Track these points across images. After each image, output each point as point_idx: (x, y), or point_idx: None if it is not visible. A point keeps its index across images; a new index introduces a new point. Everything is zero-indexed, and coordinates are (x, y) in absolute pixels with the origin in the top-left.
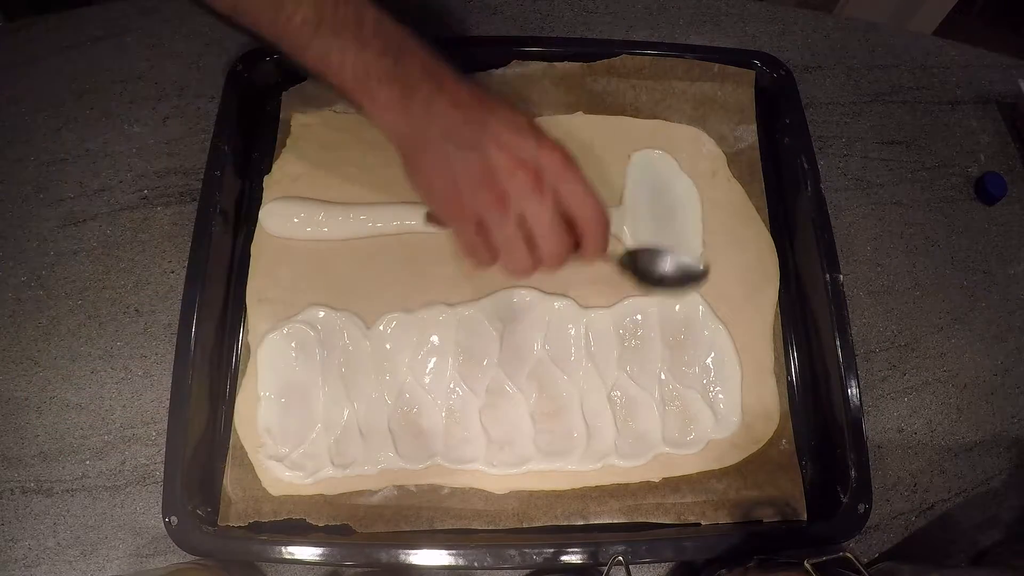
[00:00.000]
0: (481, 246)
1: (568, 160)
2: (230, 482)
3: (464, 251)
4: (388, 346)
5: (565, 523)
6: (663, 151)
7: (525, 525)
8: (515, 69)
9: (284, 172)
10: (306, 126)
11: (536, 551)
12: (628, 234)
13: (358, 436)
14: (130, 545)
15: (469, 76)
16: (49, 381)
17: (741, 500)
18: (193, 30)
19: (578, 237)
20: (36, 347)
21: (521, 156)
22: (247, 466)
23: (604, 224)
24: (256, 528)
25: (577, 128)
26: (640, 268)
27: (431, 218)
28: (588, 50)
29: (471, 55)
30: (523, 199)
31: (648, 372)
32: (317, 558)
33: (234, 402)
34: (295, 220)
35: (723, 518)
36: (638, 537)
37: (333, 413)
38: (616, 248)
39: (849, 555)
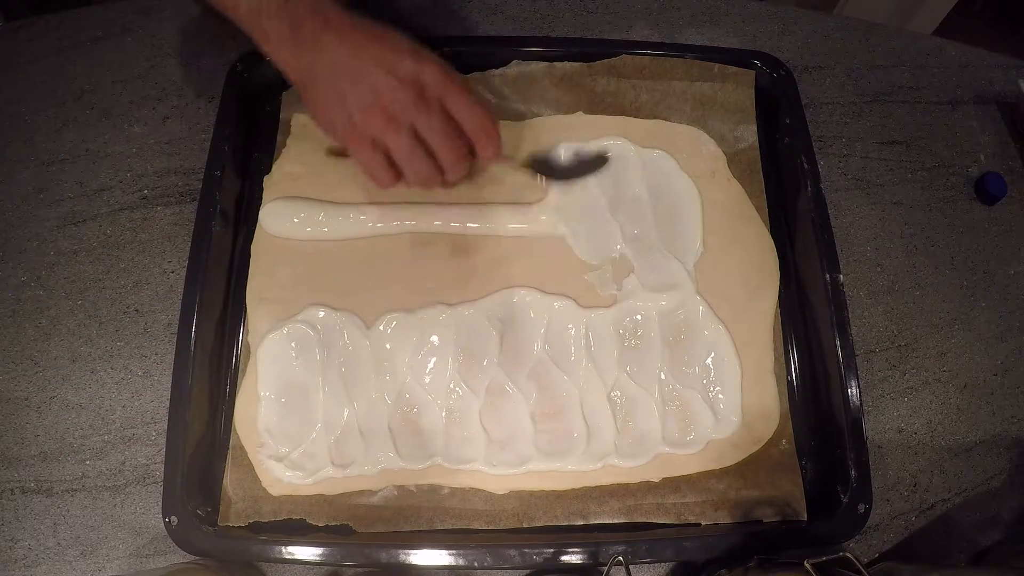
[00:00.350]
0: (382, 166)
1: (448, 73)
2: (230, 482)
3: (368, 174)
4: (388, 346)
5: (565, 523)
6: (662, 151)
7: (525, 525)
8: (515, 69)
9: (284, 172)
10: (306, 126)
11: (536, 551)
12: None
13: (358, 436)
14: (130, 545)
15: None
16: (49, 381)
17: (741, 500)
18: (193, 30)
19: (470, 142)
20: (36, 347)
21: (402, 75)
22: (247, 466)
23: (490, 126)
24: (256, 528)
25: (577, 128)
26: (547, 166)
27: (332, 150)
28: (588, 50)
29: (471, 55)
30: (411, 114)
31: (648, 372)
32: (317, 558)
33: (234, 402)
34: (295, 220)
35: (723, 518)
36: (638, 537)
37: (333, 413)
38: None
39: (849, 555)
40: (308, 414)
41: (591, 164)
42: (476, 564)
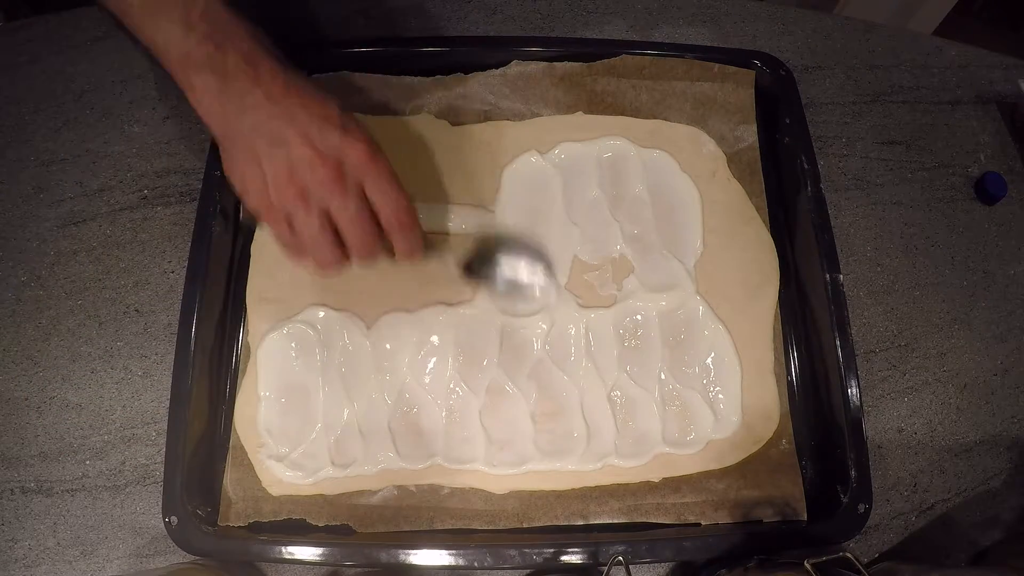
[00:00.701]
0: (291, 242)
1: (372, 153)
2: (230, 482)
3: (280, 246)
4: (388, 346)
5: (565, 523)
6: (663, 151)
7: (525, 525)
8: (515, 69)
9: None
10: None
11: (536, 551)
12: (496, 237)
13: (358, 436)
14: (130, 545)
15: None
16: (49, 381)
17: (741, 500)
18: None
19: (384, 232)
20: (36, 347)
21: (323, 150)
22: (247, 466)
23: (407, 219)
24: (256, 528)
25: (577, 128)
26: (480, 270)
27: (247, 211)
28: (588, 50)
29: (471, 55)
30: (325, 193)
31: (648, 372)
32: (317, 558)
33: (234, 402)
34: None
35: (723, 518)
36: (638, 537)
37: (333, 413)
38: (460, 248)
39: (849, 555)
40: (308, 414)
41: (526, 273)
42: (476, 564)
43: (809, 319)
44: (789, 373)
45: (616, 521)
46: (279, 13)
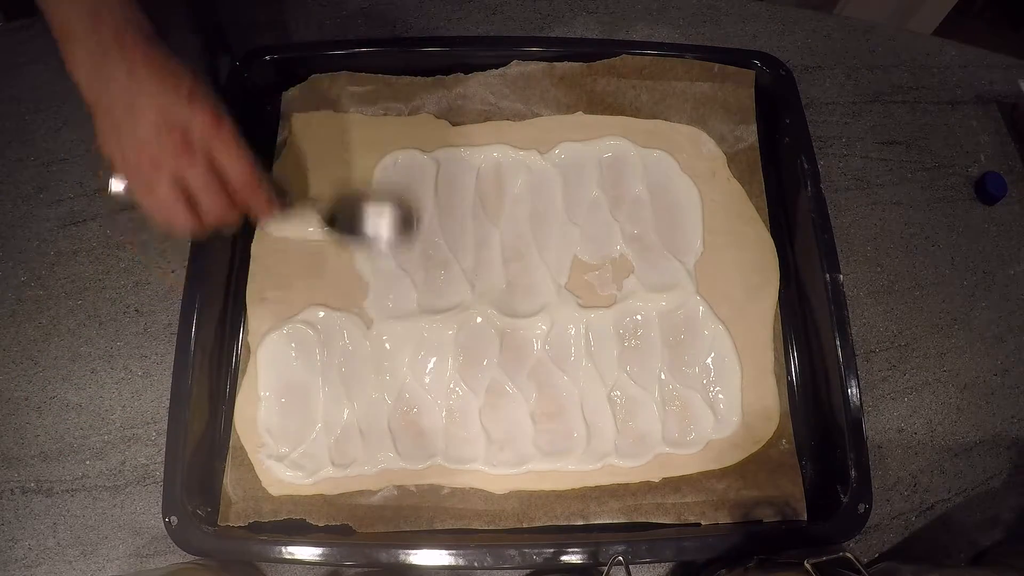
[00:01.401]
0: (151, 207)
1: (219, 122)
2: (230, 482)
3: (145, 210)
4: (388, 346)
5: (565, 523)
6: (663, 151)
7: (525, 525)
8: (515, 69)
9: (284, 172)
10: (306, 126)
11: (536, 551)
12: (370, 227)
13: (358, 436)
14: (130, 545)
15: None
16: (49, 381)
17: (741, 500)
18: (193, 30)
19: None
20: (36, 347)
21: (171, 119)
22: (247, 466)
23: (253, 183)
24: (256, 528)
25: (577, 128)
26: (342, 222)
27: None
28: (588, 50)
29: (471, 55)
30: (174, 160)
31: (648, 372)
32: (317, 558)
33: (234, 402)
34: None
35: (723, 518)
36: (638, 537)
37: (333, 413)
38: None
39: (849, 555)
40: (308, 414)
41: (391, 226)
42: (476, 564)
43: (809, 319)
44: (789, 373)
45: (616, 521)
46: (279, 14)
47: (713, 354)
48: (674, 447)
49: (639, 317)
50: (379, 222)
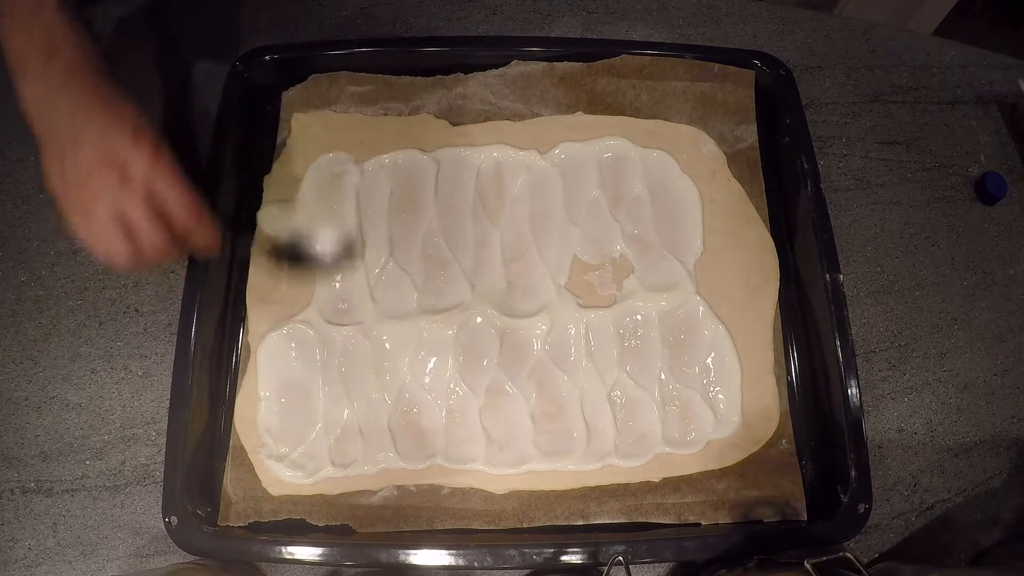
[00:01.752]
0: (88, 239)
1: (158, 158)
2: (230, 482)
3: (83, 243)
4: (388, 346)
5: (565, 523)
6: (663, 151)
7: (525, 525)
8: (515, 69)
9: (284, 172)
10: (306, 126)
11: (536, 551)
12: (289, 232)
13: (358, 436)
14: (130, 545)
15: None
16: (49, 381)
17: (741, 500)
18: (193, 30)
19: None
20: (36, 347)
21: (113, 153)
22: (247, 466)
23: (194, 217)
24: (256, 528)
25: (577, 128)
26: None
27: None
28: (588, 50)
29: (471, 55)
30: (113, 195)
31: (648, 372)
32: (317, 558)
33: (234, 402)
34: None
35: (723, 518)
36: (638, 537)
37: (333, 413)
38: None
39: (849, 555)
40: (308, 414)
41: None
42: (476, 564)
43: (809, 319)
44: (789, 373)
45: (616, 521)
46: (279, 14)
47: (713, 354)
48: (674, 447)
49: (639, 317)
50: (316, 247)
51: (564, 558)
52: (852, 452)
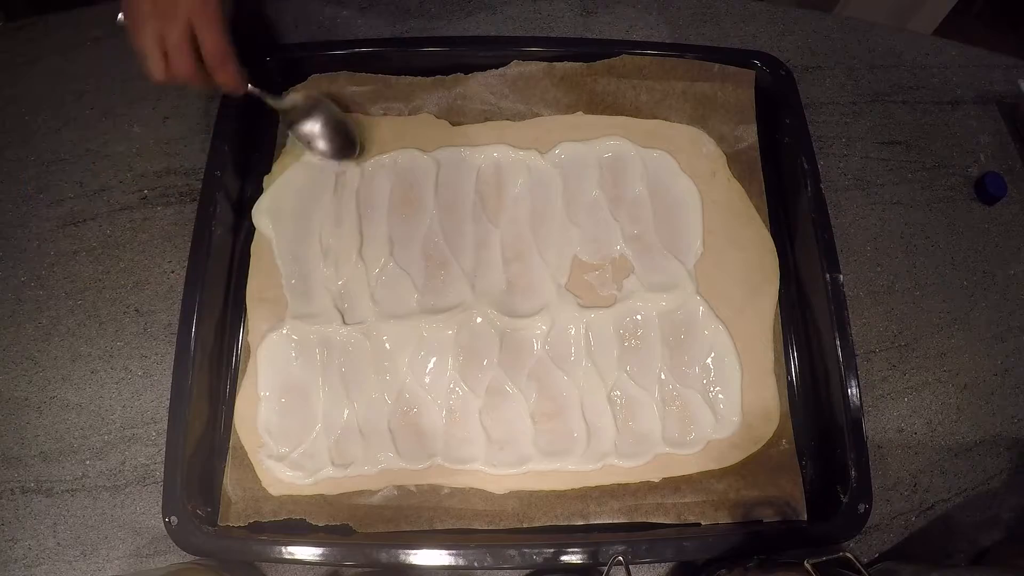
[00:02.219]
0: (135, 47)
1: (206, 3)
2: (230, 482)
3: (133, 48)
4: (388, 346)
5: (565, 523)
6: (662, 151)
7: (525, 525)
8: (515, 69)
9: (284, 171)
10: None
11: (536, 551)
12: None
13: (358, 436)
14: (130, 545)
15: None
16: (49, 381)
17: (741, 500)
18: None
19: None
20: (36, 347)
21: None
22: (247, 466)
23: (221, 56)
24: (256, 528)
25: (577, 128)
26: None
27: None
28: (588, 50)
29: (471, 55)
30: (158, 20)
31: (648, 372)
32: (317, 558)
33: (234, 402)
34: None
35: (723, 518)
36: (638, 537)
37: (333, 413)
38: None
39: (849, 555)
40: (308, 414)
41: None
42: (476, 564)
43: (809, 319)
44: (789, 373)
45: (616, 521)
46: (279, 13)
47: (713, 354)
48: (674, 447)
49: (639, 317)
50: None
51: (564, 558)
52: (852, 452)
